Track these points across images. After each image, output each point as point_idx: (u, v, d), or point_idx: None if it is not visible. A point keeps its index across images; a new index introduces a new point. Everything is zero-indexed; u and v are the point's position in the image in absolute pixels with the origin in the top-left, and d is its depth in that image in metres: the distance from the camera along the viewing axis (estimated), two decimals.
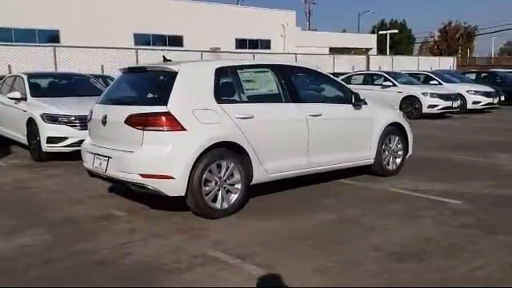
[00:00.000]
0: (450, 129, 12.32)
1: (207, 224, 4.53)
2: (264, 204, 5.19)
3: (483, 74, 22.22)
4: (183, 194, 4.49)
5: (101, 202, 5.41)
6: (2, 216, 4.93)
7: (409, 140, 6.72)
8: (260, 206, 5.12)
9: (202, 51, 22.77)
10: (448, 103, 15.03)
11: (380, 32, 52.25)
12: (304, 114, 5.37)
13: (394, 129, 6.49)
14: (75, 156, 7.92)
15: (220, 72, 4.90)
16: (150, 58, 19.51)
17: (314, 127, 5.43)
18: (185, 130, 4.46)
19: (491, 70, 25.28)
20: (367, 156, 6.17)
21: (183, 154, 4.44)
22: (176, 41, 33.00)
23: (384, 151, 6.37)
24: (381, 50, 50.66)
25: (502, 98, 18.29)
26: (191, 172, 4.46)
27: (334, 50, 40.33)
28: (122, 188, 5.64)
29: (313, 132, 5.42)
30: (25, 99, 8.64)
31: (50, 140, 7.88)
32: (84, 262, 3.66)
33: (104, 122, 4.88)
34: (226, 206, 4.75)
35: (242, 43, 36.19)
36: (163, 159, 4.41)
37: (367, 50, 48.12)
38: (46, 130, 7.88)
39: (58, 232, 4.39)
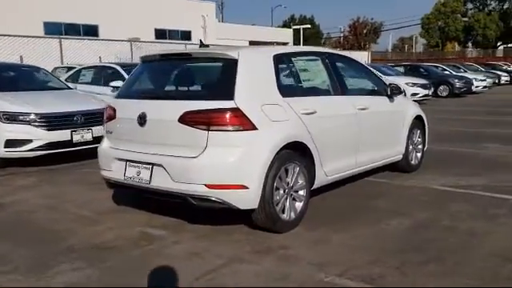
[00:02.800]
0: None
1: (279, 240, 3.79)
2: (312, 211, 4.42)
3: (408, 67, 23.26)
4: (256, 207, 3.72)
5: (120, 219, 4.41)
6: (9, 247, 3.77)
7: (426, 133, 6.46)
8: (310, 213, 4.36)
9: (130, 41, 21.18)
10: None
11: (294, 27, 53.08)
12: (355, 107, 4.83)
13: (417, 122, 6.18)
14: (36, 162, 6.68)
15: (278, 60, 4.16)
16: (79, 49, 17.67)
17: (363, 122, 4.91)
18: (256, 128, 3.68)
19: (415, 63, 26.58)
20: (399, 151, 5.78)
21: (257, 159, 3.66)
22: (91, 30, 30.57)
23: (409, 145, 6.03)
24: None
25: (432, 90, 19.26)
26: (265, 179, 3.71)
27: (253, 44, 40.10)
28: (131, 199, 4.77)
29: (362, 127, 4.90)
30: None
31: (10, 143, 6.55)
32: None
33: (142, 121, 3.90)
34: (293, 216, 4.05)
35: (161, 34, 34.50)
36: (234, 165, 3.59)
37: (284, 44, 48.57)
38: (4, 131, 6.53)
39: (102, 265, 3.41)
